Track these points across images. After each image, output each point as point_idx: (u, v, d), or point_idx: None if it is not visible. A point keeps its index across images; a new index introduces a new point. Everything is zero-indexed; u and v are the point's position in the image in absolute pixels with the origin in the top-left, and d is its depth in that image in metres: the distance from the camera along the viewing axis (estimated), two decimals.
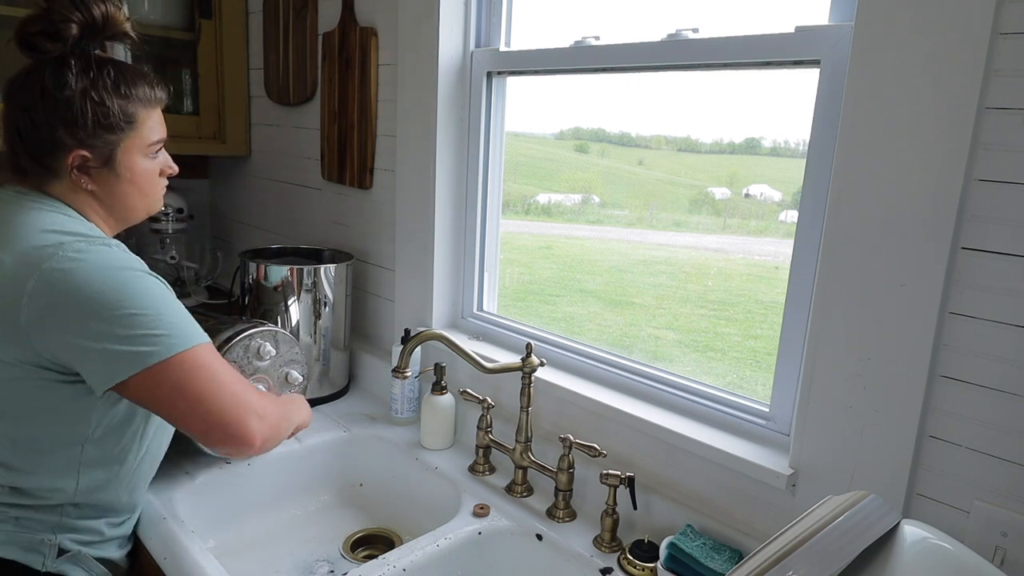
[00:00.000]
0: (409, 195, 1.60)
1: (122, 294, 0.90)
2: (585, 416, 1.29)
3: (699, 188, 1.48)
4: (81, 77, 0.96)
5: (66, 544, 1.02)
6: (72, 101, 0.95)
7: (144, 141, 1.02)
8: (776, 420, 1.11)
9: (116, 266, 0.92)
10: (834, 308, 0.95)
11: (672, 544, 1.04)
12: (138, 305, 0.90)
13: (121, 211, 1.05)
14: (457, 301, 1.63)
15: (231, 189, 2.33)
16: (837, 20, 0.99)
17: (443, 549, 1.12)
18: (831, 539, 0.73)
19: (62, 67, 0.95)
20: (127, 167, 1.01)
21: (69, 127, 0.95)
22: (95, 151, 0.98)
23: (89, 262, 0.91)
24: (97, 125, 0.97)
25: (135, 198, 1.05)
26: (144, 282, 0.93)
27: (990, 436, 0.86)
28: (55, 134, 0.95)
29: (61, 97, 0.94)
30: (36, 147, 0.97)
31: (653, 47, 1.21)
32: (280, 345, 1.32)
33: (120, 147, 1.00)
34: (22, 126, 0.97)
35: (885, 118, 0.88)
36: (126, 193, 1.03)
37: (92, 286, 0.89)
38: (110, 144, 0.99)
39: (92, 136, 0.97)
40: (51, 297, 0.89)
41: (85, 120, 0.95)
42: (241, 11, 2.06)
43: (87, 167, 0.99)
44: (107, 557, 1.08)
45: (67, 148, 0.97)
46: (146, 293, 0.92)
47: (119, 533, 1.09)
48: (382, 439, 1.49)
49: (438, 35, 1.47)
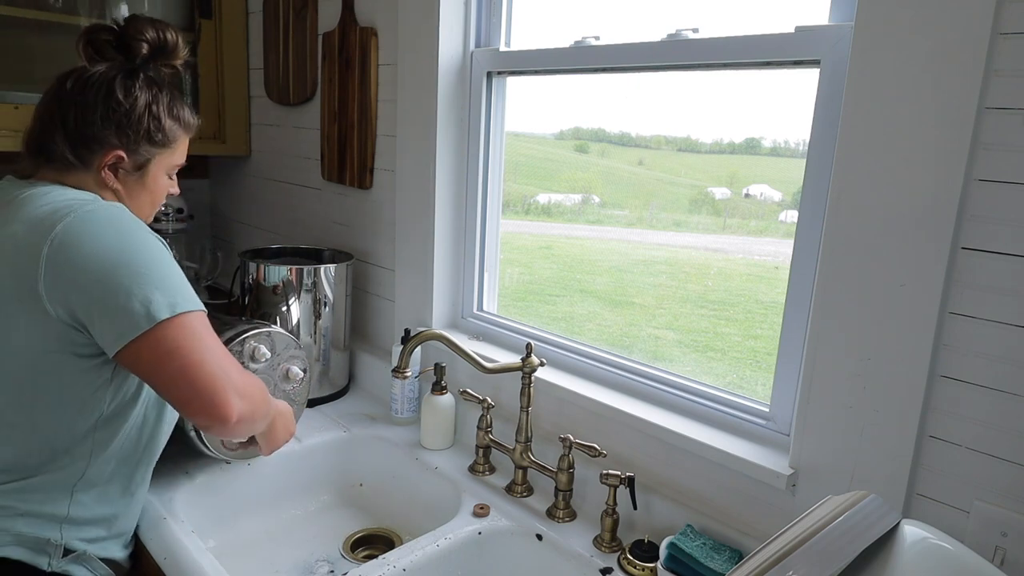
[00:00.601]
0: (409, 195, 1.60)
1: (132, 251, 0.93)
2: (585, 416, 1.29)
3: (699, 188, 1.48)
4: (145, 91, 1.05)
5: (72, 544, 1.02)
6: (134, 110, 1.03)
7: (172, 161, 1.12)
8: (776, 420, 1.11)
9: (126, 223, 0.96)
10: (834, 308, 0.95)
11: (672, 544, 1.04)
12: (146, 263, 0.93)
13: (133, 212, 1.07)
14: (457, 301, 1.63)
15: (231, 189, 2.33)
16: (837, 20, 0.99)
17: (443, 549, 1.12)
18: (831, 539, 0.73)
19: (133, 78, 1.04)
20: (153, 178, 1.10)
21: (122, 131, 1.03)
22: (133, 157, 1.05)
23: (100, 217, 0.95)
24: (147, 136, 1.05)
25: (147, 204, 1.12)
26: (151, 241, 0.97)
27: (990, 436, 0.86)
28: (104, 133, 1.02)
29: (125, 104, 1.02)
30: (78, 140, 1.02)
31: (653, 47, 1.21)
32: (276, 345, 1.32)
33: (155, 160, 1.08)
34: (70, 118, 1.02)
35: (885, 118, 0.88)
36: (143, 200, 1.10)
37: (104, 241, 0.93)
38: (149, 155, 1.07)
39: (137, 144, 1.05)
40: (66, 254, 0.91)
41: (139, 129, 1.04)
42: (241, 11, 2.06)
43: (118, 168, 1.05)
44: (111, 557, 1.08)
45: (110, 147, 1.03)
46: (154, 252, 0.96)
47: (121, 531, 1.10)
48: (382, 439, 1.49)
49: (438, 35, 1.47)
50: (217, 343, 0.97)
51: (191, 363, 0.92)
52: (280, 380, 1.34)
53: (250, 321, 1.35)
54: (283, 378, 1.35)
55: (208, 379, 0.92)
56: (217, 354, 0.95)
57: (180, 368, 0.92)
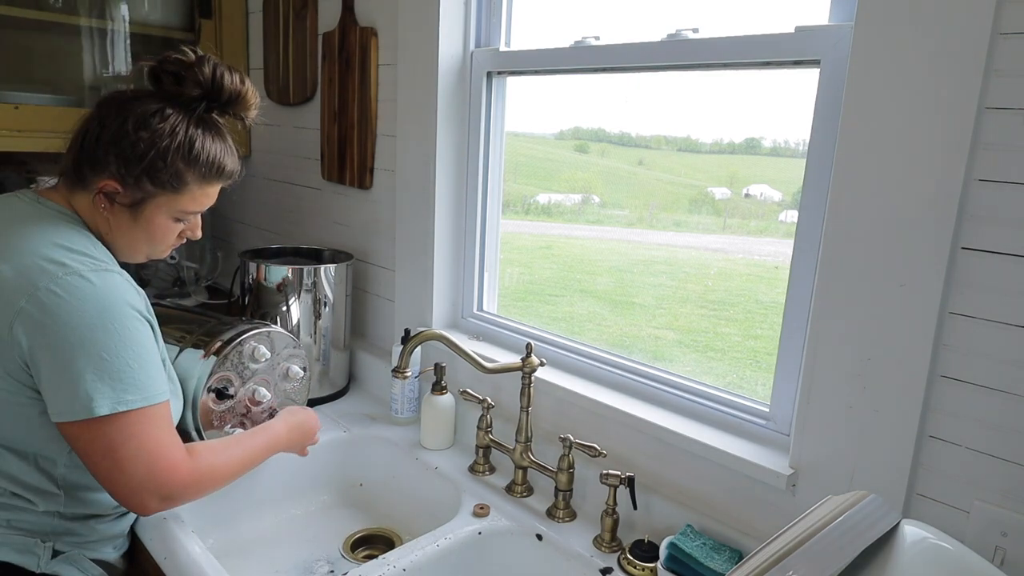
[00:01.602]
0: (409, 195, 1.60)
1: (106, 335, 0.91)
2: (585, 416, 1.29)
3: (699, 188, 1.48)
4: (165, 127, 0.99)
5: (60, 545, 1.02)
6: (139, 142, 0.98)
7: (178, 206, 1.05)
8: (776, 420, 1.11)
9: (111, 302, 0.93)
10: (834, 308, 0.95)
11: (672, 544, 1.04)
12: (110, 349, 0.91)
13: (124, 247, 1.06)
14: (457, 301, 1.63)
15: (231, 189, 2.32)
16: (837, 20, 0.99)
17: (443, 549, 1.12)
18: (831, 539, 0.73)
19: (155, 112, 0.99)
20: (148, 219, 1.03)
21: (122, 160, 0.98)
22: (128, 190, 1.00)
23: (84, 292, 0.92)
24: (147, 173, 0.99)
25: (141, 242, 1.06)
26: (131, 325, 0.94)
27: (990, 436, 0.86)
28: (106, 155, 0.98)
29: (133, 132, 0.98)
30: (84, 157, 1.00)
31: (653, 47, 1.21)
32: (276, 344, 1.32)
33: (153, 201, 1.02)
34: (90, 133, 1.00)
35: (885, 118, 0.88)
36: (135, 236, 1.05)
37: (81, 319, 0.90)
38: (146, 193, 1.01)
39: (134, 177, 0.99)
40: (40, 317, 0.90)
41: (138, 163, 0.98)
42: (241, 11, 2.06)
43: (112, 196, 1.01)
44: (102, 558, 1.08)
45: (107, 173, 0.99)
46: (125, 337, 0.93)
47: (112, 532, 1.09)
48: (382, 439, 1.49)
49: (438, 35, 1.47)
50: (159, 437, 0.95)
51: (116, 461, 0.92)
52: (280, 379, 1.34)
53: (250, 321, 1.35)
54: (283, 377, 1.35)
55: (126, 481, 0.93)
56: (151, 453, 0.94)
57: (106, 464, 0.93)
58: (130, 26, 1.95)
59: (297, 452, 1.27)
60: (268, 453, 1.16)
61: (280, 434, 1.19)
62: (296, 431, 1.23)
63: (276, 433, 1.19)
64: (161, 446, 0.95)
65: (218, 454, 1.06)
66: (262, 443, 1.15)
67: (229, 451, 1.08)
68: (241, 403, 1.29)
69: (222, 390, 1.25)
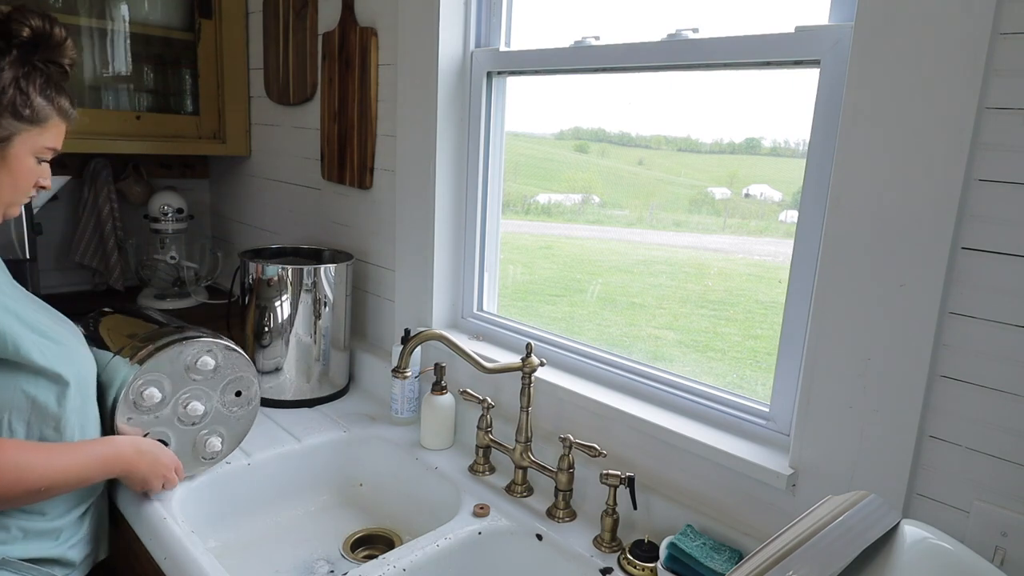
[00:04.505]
0: (409, 195, 1.60)
1: None
2: (585, 416, 1.29)
3: (699, 188, 1.48)
4: (16, 67, 1.00)
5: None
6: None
7: (41, 142, 1.05)
8: (776, 420, 1.11)
9: None
10: (834, 308, 0.95)
11: (672, 544, 1.04)
12: None
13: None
14: (457, 301, 1.63)
15: (231, 189, 2.33)
16: (837, 20, 0.99)
17: (443, 549, 1.12)
18: (831, 539, 0.73)
19: (2, 53, 1.00)
20: (15, 156, 1.03)
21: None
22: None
23: None
24: (11, 109, 1.00)
25: (4, 191, 1.05)
26: None
27: (990, 436, 0.86)
28: None
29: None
30: None
31: (653, 47, 1.21)
32: (222, 359, 1.23)
33: (18, 136, 1.02)
34: None
35: (885, 118, 0.88)
36: (1, 182, 1.03)
37: None
38: (12, 130, 1.01)
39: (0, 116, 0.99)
40: None
41: (1, 99, 0.99)
42: (241, 11, 2.06)
43: None
44: (44, 556, 1.04)
45: None
46: None
47: (45, 527, 1.05)
48: (382, 439, 1.49)
49: (438, 35, 1.47)
50: None
51: None
52: (223, 398, 1.26)
53: (202, 331, 1.26)
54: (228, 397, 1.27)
55: None
56: None
57: None
58: (130, 26, 1.95)
59: (140, 486, 1.15)
60: (104, 465, 1.08)
61: (124, 454, 1.10)
62: (147, 458, 1.13)
63: (119, 451, 1.10)
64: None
65: (34, 455, 0.98)
66: (98, 453, 1.07)
67: (51, 457, 1.00)
68: (168, 414, 1.20)
69: (135, 401, 1.15)
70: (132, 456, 1.12)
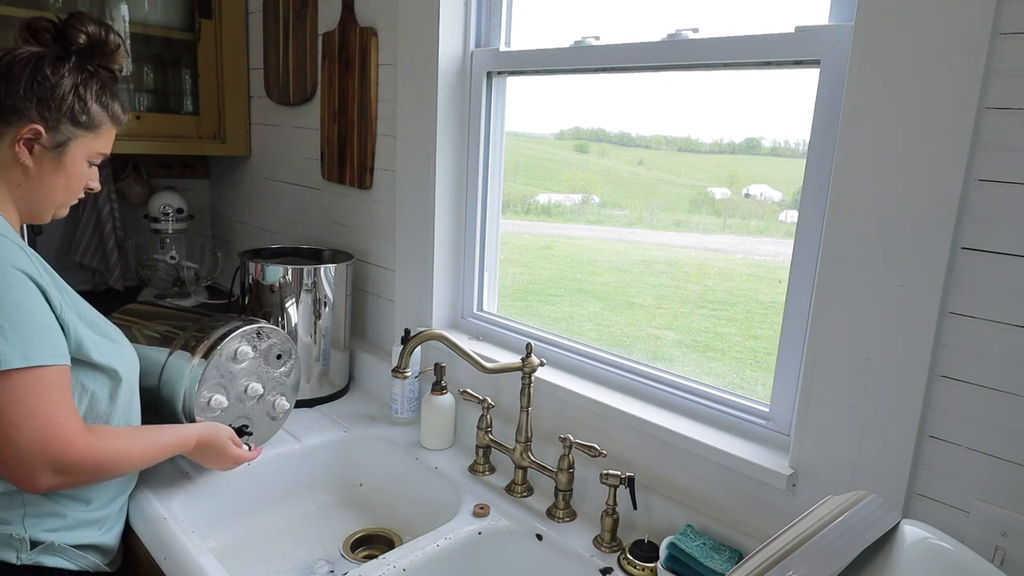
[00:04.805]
0: (409, 195, 1.60)
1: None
2: (585, 416, 1.29)
3: (699, 188, 1.48)
4: (74, 73, 1.04)
5: (37, 535, 1.01)
6: (59, 86, 1.02)
7: (94, 147, 1.09)
8: (776, 420, 1.11)
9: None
10: (834, 308, 0.95)
11: (672, 544, 1.04)
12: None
13: (38, 198, 1.07)
14: (457, 301, 1.63)
15: (231, 189, 2.33)
16: (837, 20, 0.99)
17: (443, 549, 1.12)
18: (831, 539, 0.73)
19: (63, 60, 1.04)
20: (71, 161, 1.07)
21: (44, 105, 1.02)
22: (52, 134, 1.03)
23: None
24: (70, 115, 1.04)
25: (59, 192, 1.08)
26: (14, 285, 0.93)
27: (990, 436, 0.86)
28: (25, 105, 1.01)
29: (51, 79, 1.02)
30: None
31: (653, 47, 1.21)
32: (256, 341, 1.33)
33: (76, 141, 1.06)
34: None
35: (885, 118, 0.88)
36: (55, 183, 1.07)
37: None
38: (70, 135, 1.05)
39: (59, 121, 1.03)
40: None
41: (62, 107, 1.03)
42: (241, 11, 2.06)
43: (34, 144, 1.03)
44: (89, 543, 1.07)
45: (28, 120, 1.01)
46: (10, 296, 0.92)
47: (93, 515, 1.08)
48: (382, 439, 1.49)
49: (438, 35, 1.47)
50: (55, 403, 0.93)
51: (2, 427, 0.90)
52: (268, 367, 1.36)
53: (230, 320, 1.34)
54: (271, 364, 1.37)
55: (15, 451, 0.91)
56: (41, 420, 0.92)
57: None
58: (130, 26, 1.95)
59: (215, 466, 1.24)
60: (172, 453, 1.14)
61: (188, 441, 1.16)
62: (208, 444, 1.20)
63: (185, 438, 1.16)
64: (53, 415, 0.93)
65: (122, 439, 1.05)
66: (169, 442, 1.13)
67: (135, 440, 1.07)
68: (236, 405, 1.31)
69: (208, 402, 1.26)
70: (194, 444, 1.18)
